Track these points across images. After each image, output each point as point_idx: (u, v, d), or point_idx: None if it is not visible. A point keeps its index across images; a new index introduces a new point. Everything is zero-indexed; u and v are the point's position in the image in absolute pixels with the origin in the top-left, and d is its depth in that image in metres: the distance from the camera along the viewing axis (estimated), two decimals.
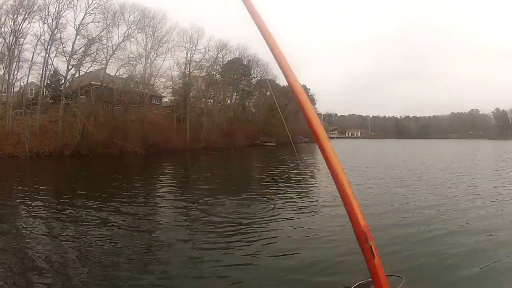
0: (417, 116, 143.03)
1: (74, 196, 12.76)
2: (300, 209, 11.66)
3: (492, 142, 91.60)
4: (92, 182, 16.92)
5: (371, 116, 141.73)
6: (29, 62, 25.60)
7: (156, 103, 44.08)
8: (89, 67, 28.80)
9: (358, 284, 1.77)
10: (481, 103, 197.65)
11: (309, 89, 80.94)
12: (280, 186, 17.08)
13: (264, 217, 10.48)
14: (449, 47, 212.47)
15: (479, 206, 11.39)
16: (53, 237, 8.19)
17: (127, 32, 31.70)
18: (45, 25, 25.95)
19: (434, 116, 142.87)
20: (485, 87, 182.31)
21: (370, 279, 1.81)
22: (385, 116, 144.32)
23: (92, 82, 29.73)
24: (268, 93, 68.35)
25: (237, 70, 55.96)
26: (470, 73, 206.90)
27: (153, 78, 38.96)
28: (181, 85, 43.30)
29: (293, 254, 7.45)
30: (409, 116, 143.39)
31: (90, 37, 27.74)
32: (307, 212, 10.99)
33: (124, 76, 34.13)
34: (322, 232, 9.01)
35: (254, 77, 63.31)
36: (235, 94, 57.32)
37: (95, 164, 24.15)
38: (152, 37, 37.41)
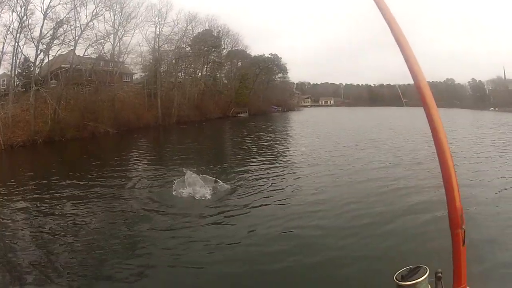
0: (391, 84, 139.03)
1: (46, 187, 13.09)
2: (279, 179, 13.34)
3: (468, 111, 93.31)
4: (64, 170, 16.77)
5: (344, 84, 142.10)
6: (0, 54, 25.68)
7: (127, 80, 44.12)
8: (58, 51, 28.75)
9: (406, 269, 1.67)
10: (457, 74, 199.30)
11: (280, 58, 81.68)
12: (253, 159, 18.85)
13: (240, 194, 11.47)
14: (425, 18, 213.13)
15: None
16: (32, 229, 8.69)
17: (95, 11, 31.56)
18: (14, 13, 25.75)
19: (408, 84, 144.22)
20: (460, 58, 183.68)
21: (412, 266, 1.71)
22: (358, 84, 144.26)
23: (62, 65, 29.77)
24: (240, 63, 68.99)
25: (207, 42, 55.84)
26: (445, 43, 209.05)
27: (123, 55, 39.00)
28: (151, 61, 43.50)
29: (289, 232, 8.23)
30: (383, 84, 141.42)
31: (58, 20, 27.74)
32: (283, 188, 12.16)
33: (93, 56, 34.20)
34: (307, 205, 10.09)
35: (224, 48, 63.48)
36: (205, 66, 57.55)
37: (67, 149, 24.50)
38: (120, 13, 37.15)
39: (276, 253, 7.32)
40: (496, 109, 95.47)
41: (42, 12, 26.67)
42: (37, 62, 27.19)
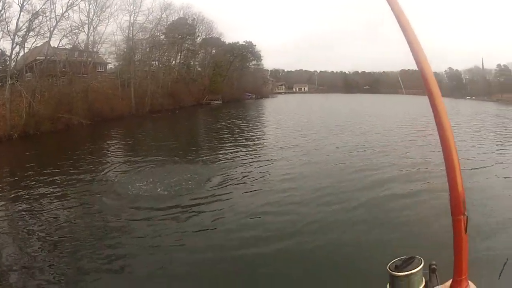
0: (366, 71, 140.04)
1: (19, 183, 13.25)
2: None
3: (445, 99, 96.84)
4: (37, 165, 16.62)
5: (318, 71, 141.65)
6: None
7: (101, 70, 44.32)
8: (33, 43, 28.90)
9: (400, 259, 1.54)
10: (434, 63, 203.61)
11: (255, 45, 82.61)
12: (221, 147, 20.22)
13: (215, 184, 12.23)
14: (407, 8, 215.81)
15: None
16: (4, 224, 9.11)
17: (70, 1, 31.90)
18: None
19: (384, 72, 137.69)
20: (437, 46, 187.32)
21: (406, 257, 1.63)
22: (333, 71, 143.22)
23: (37, 57, 30.04)
24: (214, 51, 69.63)
25: (181, 30, 56.33)
26: (423, 33, 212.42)
27: (97, 45, 39.32)
28: (125, 50, 43.94)
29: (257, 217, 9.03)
30: (358, 71, 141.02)
31: (34, 11, 28.09)
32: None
33: (67, 47, 34.40)
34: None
35: (198, 35, 64.03)
36: (179, 54, 58.13)
37: (40, 143, 24.61)
38: (95, 3, 37.38)
39: (247, 239, 7.96)
40: (473, 98, 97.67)
41: (19, 4, 27.04)
42: (13, 56, 27.61)
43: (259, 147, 20.27)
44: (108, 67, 47.39)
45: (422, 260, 1.66)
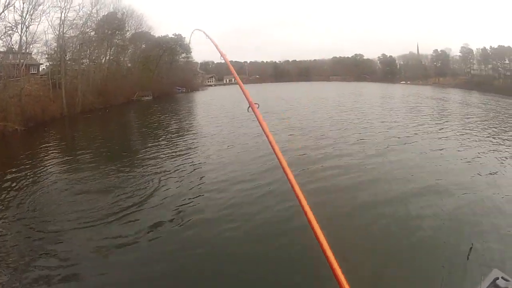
0: (297, 60, 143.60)
1: None
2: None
3: (378, 84, 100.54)
4: None
5: (249, 62, 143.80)
6: None
7: (34, 72, 42.50)
8: None
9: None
10: (367, 51, 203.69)
11: (184, 37, 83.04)
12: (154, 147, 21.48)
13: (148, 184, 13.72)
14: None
15: None
16: None
17: (7, 1, 30.88)
18: None
19: (315, 60, 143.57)
20: (370, 35, 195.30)
21: None
22: (263, 61, 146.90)
23: None
24: (144, 45, 69.26)
25: (111, 25, 55.52)
26: (354, 21, 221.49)
27: (29, 45, 37.89)
28: (55, 49, 42.85)
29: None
30: (288, 60, 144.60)
31: None
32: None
33: (1, 49, 33.09)
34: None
35: (128, 30, 63.22)
36: (109, 50, 57.28)
37: None
38: (29, 0, 35.95)
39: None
40: (408, 82, 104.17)
41: None
42: None
43: (188, 142, 22.89)
44: (41, 68, 45.59)
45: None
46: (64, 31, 43.60)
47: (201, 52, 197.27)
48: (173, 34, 79.94)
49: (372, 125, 27.48)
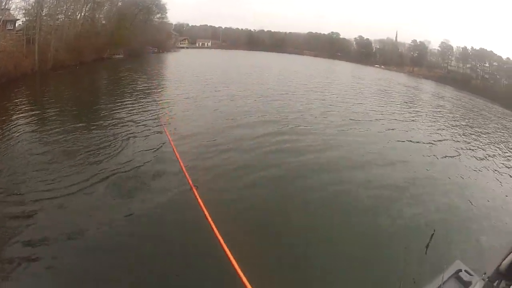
0: (273, 31, 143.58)
1: None
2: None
3: (351, 64, 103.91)
4: None
5: (223, 27, 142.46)
6: None
7: (10, 28, 42.48)
8: None
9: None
10: (344, 31, 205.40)
11: None
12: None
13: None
14: None
15: None
16: None
17: None
18: None
19: (290, 32, 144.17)
20: (350, 16, 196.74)
21: None
22: (238, 28, 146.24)
23: None
24: (120, 3, 68.88)
25: None
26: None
27: (8, 0, 38.28)
28: (33, 4, 43.21)
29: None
30: (263, 30, 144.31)
31: None
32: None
33: None
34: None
35: None
36: (85, 6, 57.18)
37: None
38: None
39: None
40: (382, 66, 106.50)
41: None
42: None
43: (150, 101, 25.69)
44: (17, 24, 45.29)
45: None
46: None
47: (177, 14, 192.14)
48: None
49: (336, 103, 31.20)
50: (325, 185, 12.52)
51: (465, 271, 4.55)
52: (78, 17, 55.39)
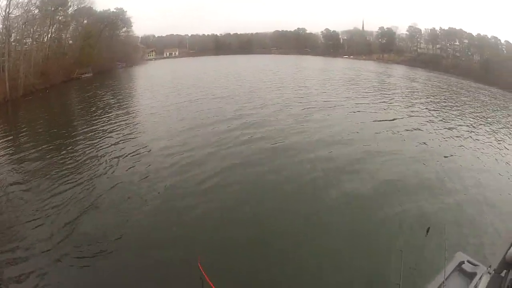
0: (239, 33, 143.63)
1: None
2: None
3: (320, 58, 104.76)
4: None
5: (189, 35, 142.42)
6: None
7: None
8: None
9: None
10: (310, 26, 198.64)
11: (126, 11, 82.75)
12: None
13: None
14: None
15: None
16: None
17: None
18: None
19: (257, 33, 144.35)
20: (314, 10, 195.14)
21: None
22: (204, 34, 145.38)
23: None
24: (85, 21, 68.09)
25: (54, 1, 54.54)
26: None
27: None
28: (1, 30, 42.39)
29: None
30: (229, 33, 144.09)
31: None
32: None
33: None
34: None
35: (70, 6, 61.46)
36: (51, 28, 56.26)
37: None
38: None
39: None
40: (351, 57, 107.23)
41: None
42: None
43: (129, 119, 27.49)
44: None
45: None
46: (10, 11, 43.15)
47: (143, 26, 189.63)
48: (114, 8, 79.27)
49: (296, 99, 33.27)
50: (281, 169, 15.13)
51: (468, 261, 4.43)
52: (45, 39, 54.45)
